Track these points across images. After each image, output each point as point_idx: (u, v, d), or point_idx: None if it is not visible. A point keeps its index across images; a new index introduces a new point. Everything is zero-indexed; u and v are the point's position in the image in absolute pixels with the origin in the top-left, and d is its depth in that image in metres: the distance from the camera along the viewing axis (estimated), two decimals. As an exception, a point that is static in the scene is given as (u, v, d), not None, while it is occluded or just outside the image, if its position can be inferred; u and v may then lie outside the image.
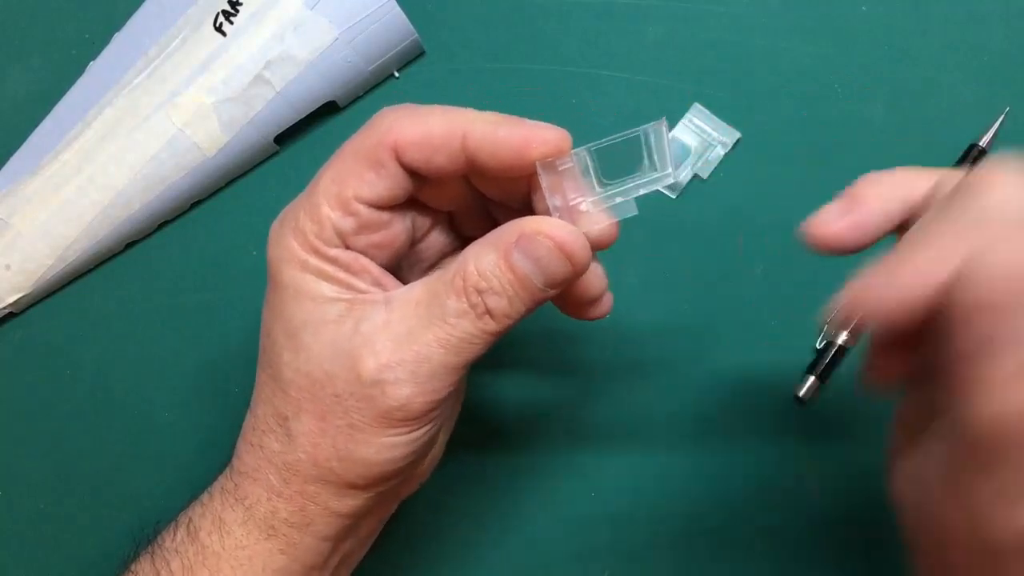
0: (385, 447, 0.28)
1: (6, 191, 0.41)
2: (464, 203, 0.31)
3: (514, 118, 0.28)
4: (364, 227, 0.28)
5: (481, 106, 0.41)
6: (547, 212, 0.28)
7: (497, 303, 0.27)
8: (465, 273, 0.27)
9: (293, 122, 0.41)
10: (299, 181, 0.42)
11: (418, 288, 0.28)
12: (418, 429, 0.28)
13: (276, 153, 0.42)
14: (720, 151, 0.40)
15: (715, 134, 0.40)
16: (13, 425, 0.42)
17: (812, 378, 0.38)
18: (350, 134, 0.42)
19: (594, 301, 0.30)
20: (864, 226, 0.26)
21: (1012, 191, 0.23)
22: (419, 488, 0.34)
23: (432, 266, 0.33)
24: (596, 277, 0.30)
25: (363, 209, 0.28)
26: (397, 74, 0.42)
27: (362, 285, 0.28)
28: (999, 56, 0.40)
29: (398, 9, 0.39)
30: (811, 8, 0.41)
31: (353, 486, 0.29)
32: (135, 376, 0.42)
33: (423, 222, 0.31)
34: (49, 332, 0.42)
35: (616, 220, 0.28)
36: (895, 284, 0.23)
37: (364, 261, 0.29)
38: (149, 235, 0.42)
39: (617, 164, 0.27)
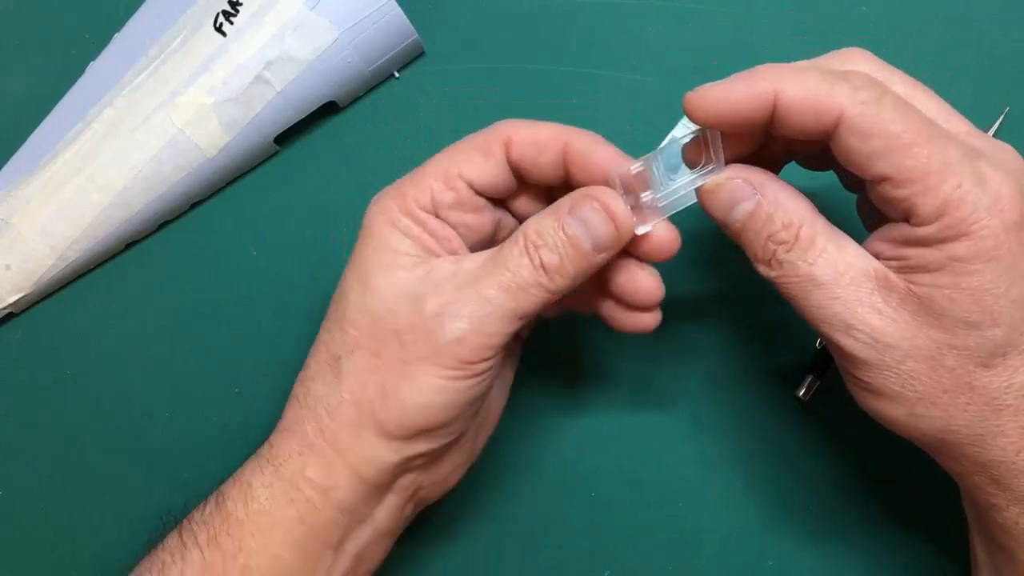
0: (430, 388, 0.29)
1: (6, 191, 0.41)
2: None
3: (604, 139, 0.31)
4: (460, 204, 0.31)
5: (481, 106, 0.41)
6: None
7: (550, 258, 0.29)
8: (525, 231, 0.30)
9: (293, 122, 0.41)
10: (299, 181, 0.42)
11: (484, 252, 0.31)
12: (465, 379, 0.30)
13: (276, 153, 0.42)
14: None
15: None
16: (13, 425, 0.42)
17: (812, 378, 0.38)
18: (350, 134, 0.42)
19: (644, 307, 0.32)
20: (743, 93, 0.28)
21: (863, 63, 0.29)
22: (442, 497, 0.34)
23: None
24: (649, 278, 0.32)
25: (463, 187, 0.31)
26: (397, 74, 0.42)
27: (440, 251, 0.31)
28: (999, 56, 0.40)
29: (398, 9, 0.39)
30: (811, 8, 0.41)
31: (387, 434, 0.30)
32: (135, 376, 0.42)
33: (507, 225, 0.34)
34: (49, 332, 0.42)
35: (666, 217, 0.31)
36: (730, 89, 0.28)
37: (448, 231, 0.31)
38: (149, 235, 0.42)
39: (676, 163, 0.31)
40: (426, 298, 0.29)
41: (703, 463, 0.39)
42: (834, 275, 0.28)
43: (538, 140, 0.31)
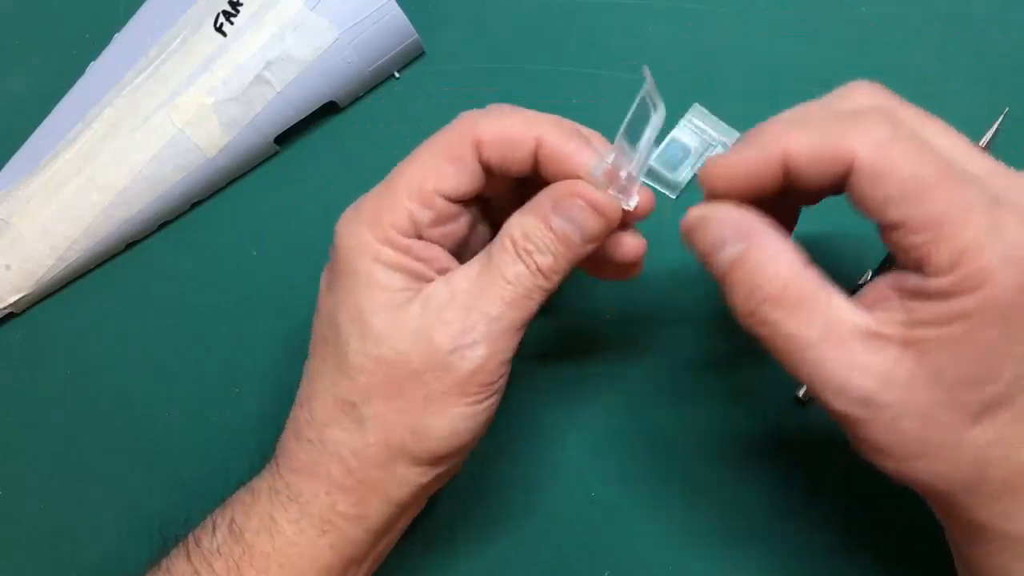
0: (459, 416, 0.29)
1: (6, 191, 0.41)
2: (508, 192, 0.33)
3: (576, 129, 0.30)
4: (439, 219, 0.30)
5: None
6: None
7: (543, 260, 0.29)
8: (513, 238, 0.29)
9: (293, 122, 0.41)
10: (299, 181, 0.42)
11: (474, 263, 0.30)
12: (488, 398, 0.30)
13: (276, 153, 0.42)
14: (720, 151, 0.40)
15: (715, 134, 0.40)
16: (13, 425, 0.42)
17: (812, 378, 0.38)
18: (350, 134, 0.42)
19: (631, 265, 0.32)
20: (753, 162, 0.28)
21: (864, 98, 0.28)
22: (445, 484, 0.34)
23: (474, 249, 0.34)
24: (632, 239, 0.32)
25: (441, 202, 0.30)
26: (397, 74, 0.42)
27: (431, 273, 0.30)
28: (999, 56, 0.40)
29: (398, 10, 0.39)
30: (811, 8, 0.41)
31: (420, 462, 0.30)
32: (135, 376, 0.42)
33: (478, 212, 0.33)
34: (49, 332, 0.42)
35: (640, 183, 0.31)
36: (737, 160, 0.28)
37: (435, 250, 0.30)
38: (149, 235, 0.42)
39: (676, 162, 0.31)
40: (434, 332, 0.29)
41: (703, 463, 0.39)
42: (823, 335, 0.26)
43: (509, 137, 0.29)
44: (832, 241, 0.39)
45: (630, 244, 0.32)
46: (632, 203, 0.30)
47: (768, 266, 0.27)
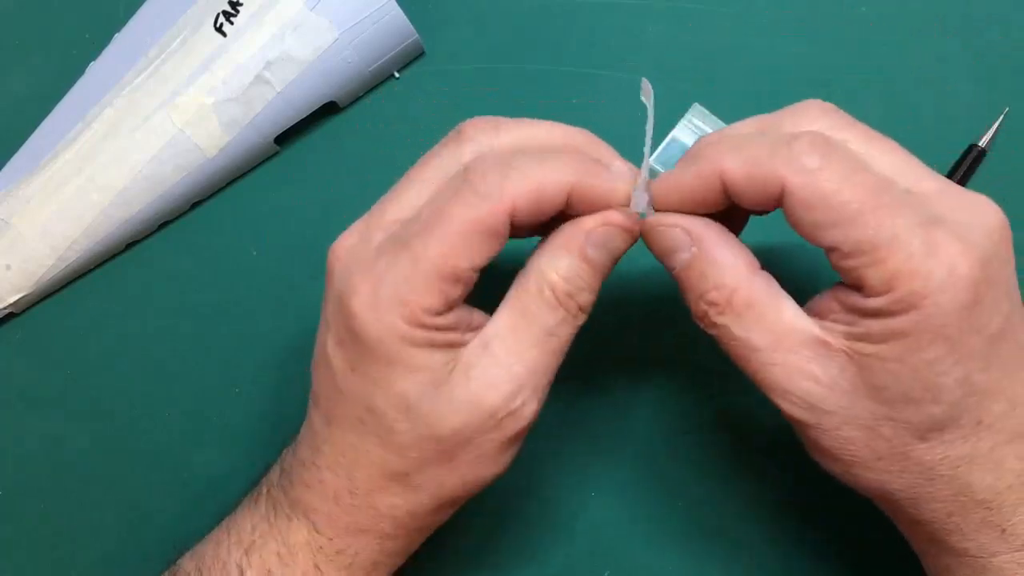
0: (505, 462, 0.30)
1: (6, 191, 0.41)
2: None
3: (597, 159, 0.29)
4: (468, 288, 0.28)
5: (481, 106, 0.41)
6: None
7: (586, 299, 0.29)
8: (551, 283, 0.28)
9: (293, 122, 0.41)
10: (299, 181, 0.42)
11: (506, 313, 0.29)
12: (524, 438, 0.30)
13: (276, 153, 0.42)
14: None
15: (715, 134, 0.40)
16: (13, 425, 0.42)
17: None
18: (350, 134, 0.42)
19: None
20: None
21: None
22: None
23: None
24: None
25: (474, 276, 0.28)
26: (397, 74, 0.42)
27: (463, 337, 0.29)
28: (999, 56, 0.40)
29: (398, 10, 0.39)
30: (811, 8, 0.41)
31: (462, 503, 0.31)
32: (135, 376, 0.42)
33: None
34: (49, 332, 0.42)
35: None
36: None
37: (461, 314, 0.29)
38: (149, 235, 0.42)
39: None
40: (484, 400, 0.28)
41: (702, 462, 0.39)
42: (771, 341, 0.27)
43: (541, 198, 0.27)
44: (789, 251, 0.39)
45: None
46: (651, 210, 0.30)
47: (716, 273, 0.28)
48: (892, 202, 0.25)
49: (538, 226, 0.30)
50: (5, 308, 0.41)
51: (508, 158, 0.28)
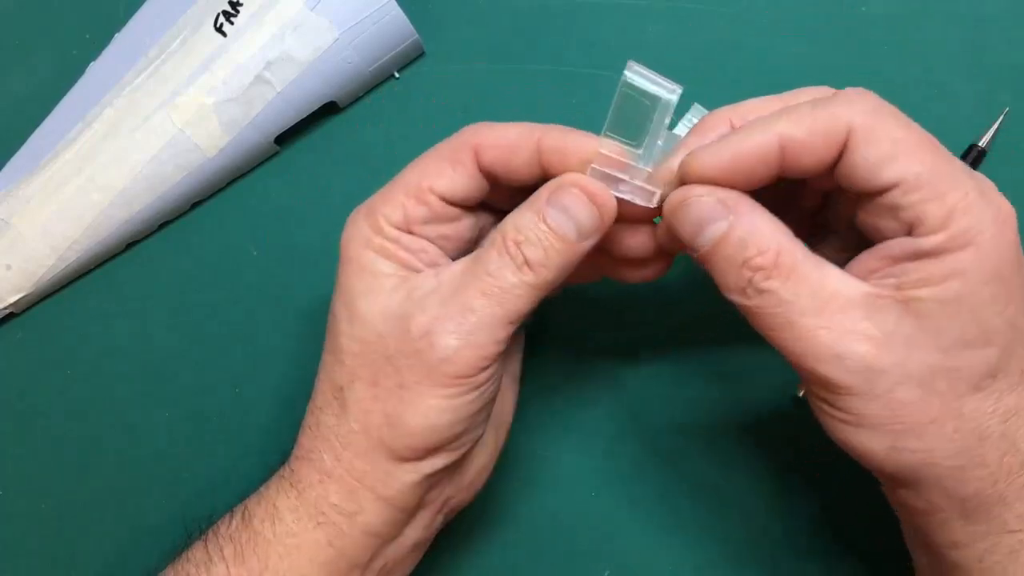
0: (432, 410, 0.29)
1: (6, 191, 0.41)
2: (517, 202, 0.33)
3: (570, 128, 0.30)
4: (434, 217, 0.30)
5: (481, 106, 0.41)
6: None
7: (533, 253, 0.29)
8: (504, 231, 0.29)
9: (293, 122, 0.41)
10: (299, 181, 0.42)
11: (465, 259, 0.30)
12: (465, 394, 0.29)
13: (276, 153, 0.42)
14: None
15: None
16: (13, 425, 0.42)
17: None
18: (350, 134, 0.42)
19: (641, 263, 0.32)
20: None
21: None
22: (472, 500, 0.34)
23: None
24: (642, 241, 0.31)
25: (435, 200, 0.30)
26: (397, 74, 0.42)
27: (419, 265, 0.30)
28: (999, 56, 0.40)
29: (398, 10, 0.39)
30: (811, 8, 0.41)
31: (401, 458, 0.30)
32: (135, 376, 0.42)
33: (488, 221, 0.33)
34: (49, 332, 0.42)
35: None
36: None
37: (424, 243, 0.31)
38: (149, 235, 0.42)
39: (636, 124, 0.28)
40: (411, 318, 0.29)
41: (702, 462, 0.39)
42: (819, 304, 0.27)
43: (508, 143, 0.30)
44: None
45: (635, 240, 0.31)
46: (655, 200, 0.29)
47: (758, 238, 0.27)
48: (941, 146, 0.27)
49: (521, 187, 0.31)
50: (5, 308, 0.41)
51: (494, 123, 0.31)
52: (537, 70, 0.41)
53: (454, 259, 0.31)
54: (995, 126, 0.39)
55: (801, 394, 0.38)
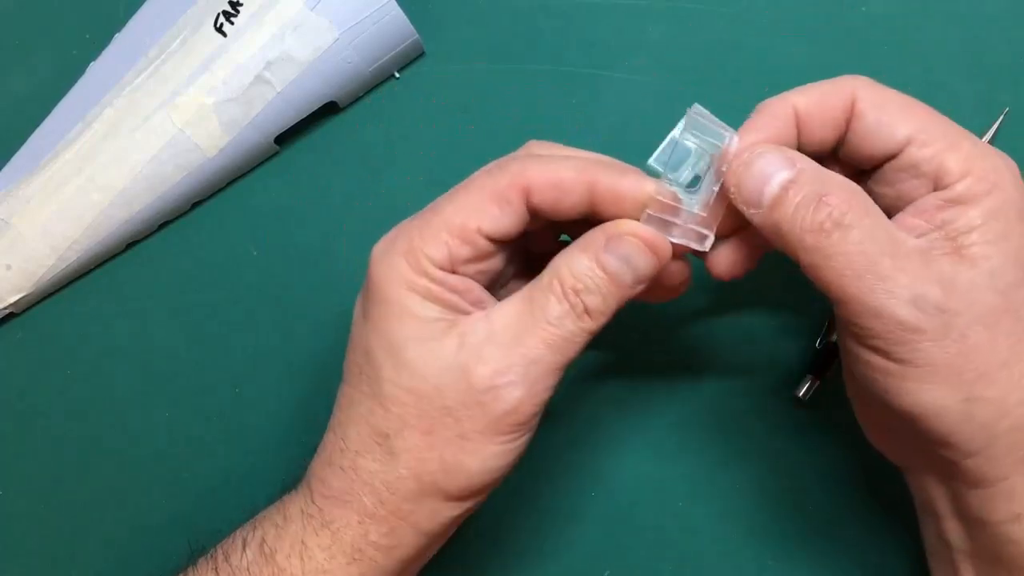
0: (492, 456, 0.29)
1: (6, 191, 0.41)
2: (545, 226, 0.32)
3: (626, 167, 0.30)
4: (477, 257, 0.30)
5: (481, 106, 0.41)
6: None
7: (592, 301, 0.28)
8: (561, 277, 0.29)
9: (293, 122, 0.41)
10: (299, 181, 0.42)
11: (515, 300, 0.29)
12: (521, 437, 0.29)
13: (276, 153, 0.42)
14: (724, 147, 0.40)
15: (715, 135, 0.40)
16: (13, 425, 0.42)
17: (811, 378, 0.38)
18: (350, 134, 0.42)
19: (675, 288, 0.32)
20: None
21: None
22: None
23: (506, 280, 0.34)
24: (680, 269, 0.32)
25: (481, 241, 0.29)
26: (397, 74, 0.42)
27: (466, 306, 0.30)
28: (999, 56, 0.40)
29: (398, 10, 0.39)
30: (811, 8, 0.41)
31: (452, 498, 0.30)
32: (135, 376, 0.42)
33: (513, 246, 0.32)
34: (49, 332, 0.42)
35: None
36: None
37: (469, 283, 0.30)
38: (149, 235, 0.42)
39: (691, 167, 0.30)
40: (471, 370, 0.28)
41: (702, 463, 0.39)
42: (891, 247, 0.26)
43: (560, 184, 0.29)
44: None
45: (677, 273, 0.31)
46: (708, 244, 0.30)
47: (831, 176, 0.28)
48: (938, 112, 0.29)
49: (567, 225, 0.31)
50: (5, 308, 0.41)
51: (541, 153, 0.30)
52: (537, 70, 0.41)
53: (486, 287, 0.31)
54: (995, 126, 0.39)
55: (801, 394, 0.38)
